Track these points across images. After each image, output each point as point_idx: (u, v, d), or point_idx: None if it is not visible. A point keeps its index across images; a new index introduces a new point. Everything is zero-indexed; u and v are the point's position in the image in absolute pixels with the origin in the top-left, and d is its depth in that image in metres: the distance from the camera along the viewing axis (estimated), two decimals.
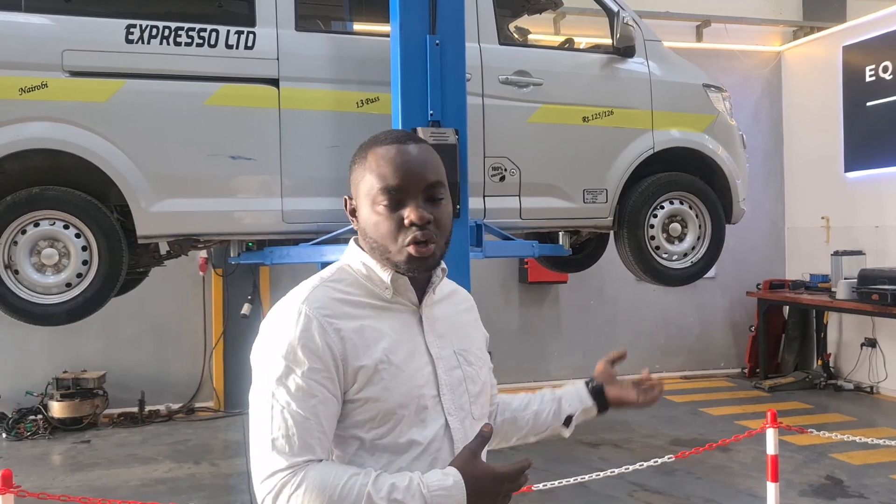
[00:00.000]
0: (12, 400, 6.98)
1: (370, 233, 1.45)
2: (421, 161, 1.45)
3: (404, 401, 1.42)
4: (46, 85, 4.03)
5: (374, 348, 1.41)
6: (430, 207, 1.43)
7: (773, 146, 9.39)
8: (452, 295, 1.64)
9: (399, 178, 1.42)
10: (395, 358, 1.42)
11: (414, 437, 1.42)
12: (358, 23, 5.64)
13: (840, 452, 5.85)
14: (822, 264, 8.51)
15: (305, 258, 4.56)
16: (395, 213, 1.42)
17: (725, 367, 9.21)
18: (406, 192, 1.42)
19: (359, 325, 1.42)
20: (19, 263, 4.12)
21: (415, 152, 1.45)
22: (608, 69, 5.06)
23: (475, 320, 1.67)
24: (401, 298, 1.49)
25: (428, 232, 1.42)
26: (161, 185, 4.21)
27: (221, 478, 5.41)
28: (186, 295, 7.57)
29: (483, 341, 1.65)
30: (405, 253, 1.42)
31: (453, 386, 1.49)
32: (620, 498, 4.94)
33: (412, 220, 1.40)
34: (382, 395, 1.40)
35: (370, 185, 1.44)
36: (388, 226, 1.42)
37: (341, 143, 4.44)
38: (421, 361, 1.46)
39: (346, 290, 1.46)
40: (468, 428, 1.49)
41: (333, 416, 1.38)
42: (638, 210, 5.06)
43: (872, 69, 8.10)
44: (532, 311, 8.35)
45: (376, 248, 1.45)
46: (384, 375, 1.40)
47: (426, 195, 1.44)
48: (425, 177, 1.44)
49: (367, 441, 1.41)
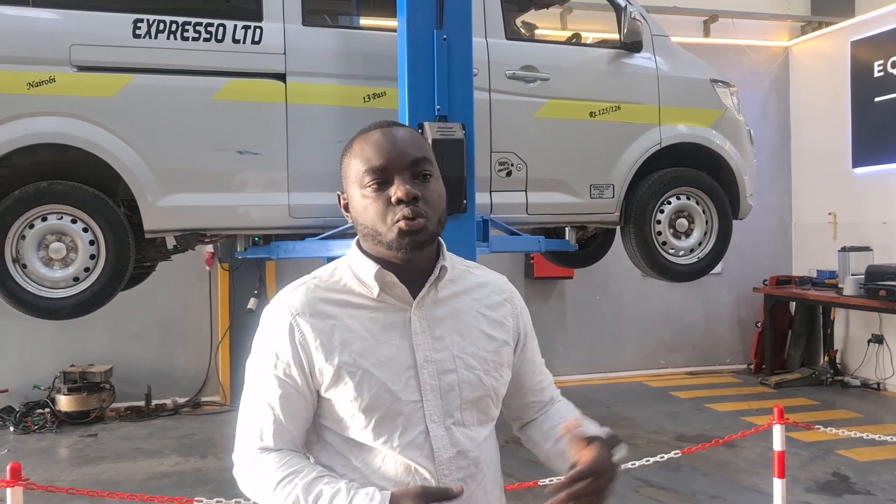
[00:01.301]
0: (20, 393, 7.01)
1: (361, 219, 1.44)
2: (403, 140, 1.45)
3: (372, 405, 1.40)
4: (54, 80, 4.04)
5: (342, 350, 1.41)
6: (418, 185, 1.42)
7: (780, 141, 9.35)
8: (479, 288, 1.56)
9: (382, 157, 1.41)
10: (364, 361, 1.41)
11: (388, 442, 1.41)
12: (365, 17, 5.64)
13: (846, 449, 5.83)
14: (829, 260, 8.47)
15: (311, 253, 4.56)
16: (383, 194, 1.41)
17: (731, 364, 9.19)
18: (391, 171, 1.41)
19: (331, 325, 1.43)
20: (27, 258, 4.14)
21: (398, 133, 1.46)
22: (615, 64, 5.04)
23: (504, 317, 1.56)
24: (389, 297, 1.46)
25: (416, 208, 1.40)
26: (168, 179, 4.22)
27: (227, 472, 5.37)
28: (193, 289, 7.58)
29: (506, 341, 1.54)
30: (395, 229, 1.39)
31: (443, 391, 1.44)
32: (626, 494, 4.94)
33: (398, 196, 1.39)
34: (349, 397, 1.41)
35: (356, 171, 1.44)
36: (377, 207, 1.41)
37: (348, 139, 4.43)
38: (400, 366, 1.43)
39: (332, 287, 1.47)
40: (458, 436, 1.45)
41: (300, 412, 1.45)
42: (645, 205, 5.05)
43: (881, 64, 8.05)
44: (538, 307, 8.33)
45: (368, 233, 1.44)
46: (349, 378, 1.40)
47: (412, 172, 1.42)
48: (408, 153, 1.43)
49: (342, 439, 1.45)
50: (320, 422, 1.47)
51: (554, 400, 1.68)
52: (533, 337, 1.64)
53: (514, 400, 1.64)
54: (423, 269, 1.48)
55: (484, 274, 1.60)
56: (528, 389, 1.64)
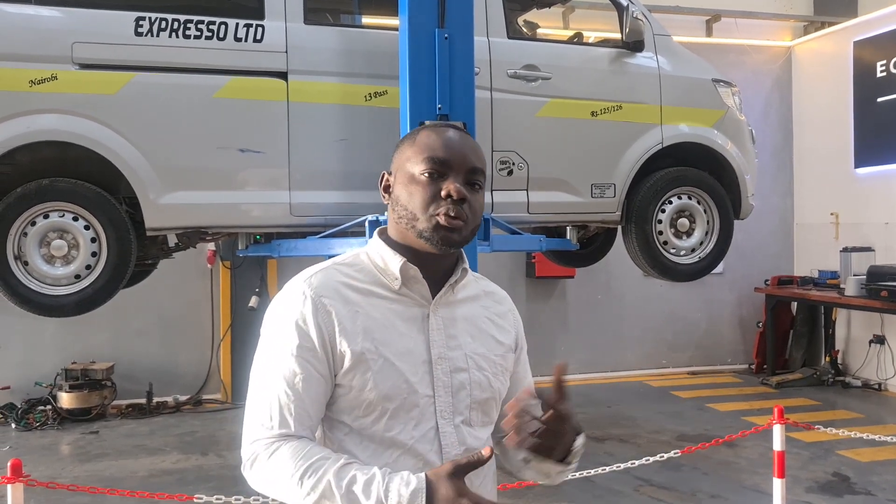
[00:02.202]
0: (22, 390, 7.02)
1: (403, 201, 1.45)
2: (470, 146, 1.49)
3: (390, 394, 1.40)
4: (56, 77, 4.05)
5: (365, 336, 1.40)
6: (468, 190, 1.44)
7: (782, 141, 9.34)
8: (487, 296, 1.60)
9: (446, 152, 1.44)
10: (385, 350, 1.41)
11: (400, 434, 1.41)
12: (366, 16, 5.64)
13: (847, 449, 5.83)
14: (830, 261, 8.47)
15: (313, 251, 4.57)
16: (434, 185, 1.43)
17: (732, 363, 9.19)
18: (450, 167, 1.44)
19: (354, 311, 1.42)
20: (29, 255, 4.15)
21: (466, 138, 1.50)
22: (617, 64, 5.04)
23: (509, 326, 1.60)
24: (410, 292, 1.47)
25: (461, 210, 1.42)
26: (170, 177, 4.23)
27: (228, 469, 5.42)
28: (194, 287, 7.60)
29: (511, 348, 1.58)
30: (434, 220, 1.41)
31: (454, 389, 1.45)
32: (626, 493, 4.94)
33: (450, 191, 1.41)
34: (367, 385, 1.39)
35: (416, 155, 1.45)
36: (424, 195, 1.42)
37: (349, 137, 4.45)
38: (417, 359, 1.43)
39: (353, 275, 1.47)
40: (465, 434, 1.46)
41: (319, 395, 1.40)
42: (646, 205, 5.04)
43: (883, 65, 8.04)
44: (539, 306, 8.34)
45: (404, 217, 1.45)
46: (371, 365, 1.39)
47: (467, 178, 1.45)
48: (471, 160, 1.46)
49: (355, 429, 1.42)
50: (329, 413, 1.44)
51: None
52: (525, 353, 1.67)
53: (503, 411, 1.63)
54: (444, 268, 1.50)
55: (488, 284, 1.64)
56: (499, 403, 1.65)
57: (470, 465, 1.29)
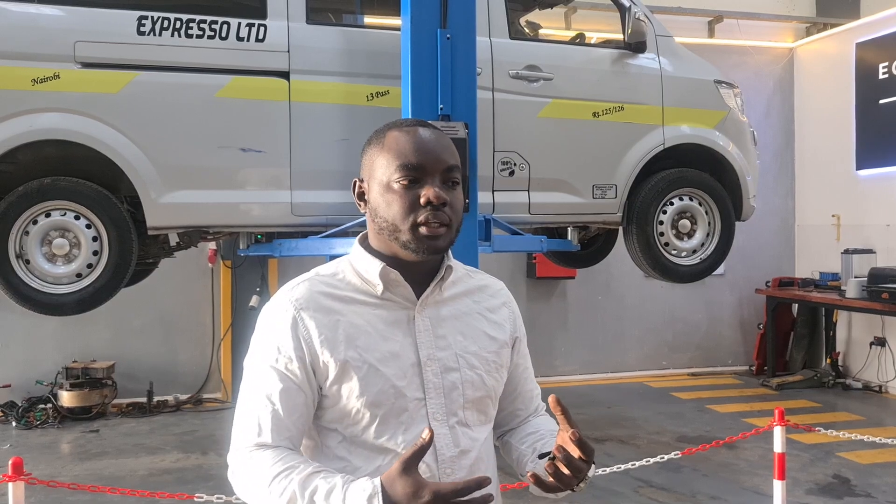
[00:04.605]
0: (22, 389, 7.03)
1: (381, 212, 1.42)
2: (442, 144, 1.45)
3: (377, 400, 1.39)
4: (59, 76, 4.05)
5: (348, 345, 1.40)
6: (447, 191, 1.42)
7: (784, 143, 9.34)
8: (480, 291, 1.57)
9: (419, 157, 1.40)
10: (370, 356, 1.40)
11: (392, 439, 1.40)
12: (369, 16, 5.64)
13: (848, 451, 5.83)
14: (832, 262, 8.47)
15: (314, 251, 4.57)
16: (411, 192, 1.40)
17: (733, 365, 9.19)
18: (424, 171, 1.40)
19: (335, 320, 1.41)
20: (30, 253, 4.15)
21: (435, 135, 1.46)
22: (619, 64, 5.04)
23: (504, 320, 1.57)
24: (393, 295, 1.45)
25: (443, 214, 1.40)
26: (171, 176, 4.23)
27: (228, 469, 5.42)
28: (195, 286, 7.60)
29: (506, 342, 1.56)
30: (416, 231, 1.39)
31: (446, 390, 1.44)
32: (626, 494, 4.94)
33: (429, 197, 1.38)
34: (354, 393, 1.39)
35: (387, 163, 1.41)
36: (402, 204, 1.39)
37: (351, 137, 4.45)
38: (405, 362, 1.42)
39: (335, 283, 1.46)
40: (460, 435, 1.45)
41: (300, 406, 1.40)
42: (647, 206, 5.04)
43: (886, 66, 8.04)
44: (539, 306, 8.34)
45: (384, 228, 1.42)
46: (356, 373, 1.39)
47: (443, 178, 1.42)
48: (445, 159, 1.43)
49: (346, 437, 1.42)
50: (320, 423, 1.45)
51: (538, 412, 1.69)
52: (525, 343, 1.65)
53: (505, 405, 1.63)
54: (428, 268, 1.48)
55: (483, 278, 1.61)
56: (521, 396, 1.65)
57: (416, 454, 1.24)
